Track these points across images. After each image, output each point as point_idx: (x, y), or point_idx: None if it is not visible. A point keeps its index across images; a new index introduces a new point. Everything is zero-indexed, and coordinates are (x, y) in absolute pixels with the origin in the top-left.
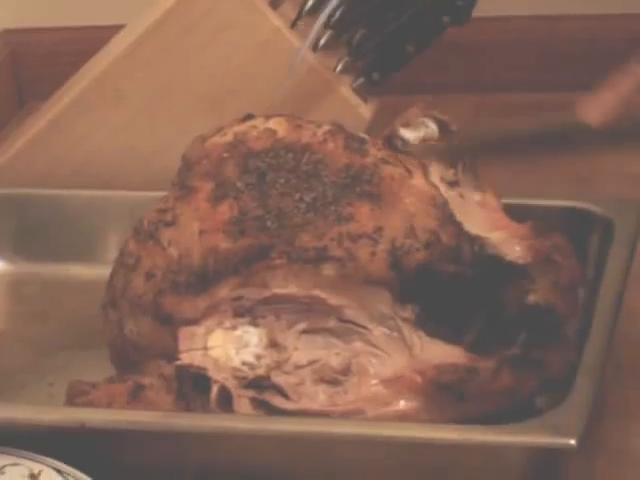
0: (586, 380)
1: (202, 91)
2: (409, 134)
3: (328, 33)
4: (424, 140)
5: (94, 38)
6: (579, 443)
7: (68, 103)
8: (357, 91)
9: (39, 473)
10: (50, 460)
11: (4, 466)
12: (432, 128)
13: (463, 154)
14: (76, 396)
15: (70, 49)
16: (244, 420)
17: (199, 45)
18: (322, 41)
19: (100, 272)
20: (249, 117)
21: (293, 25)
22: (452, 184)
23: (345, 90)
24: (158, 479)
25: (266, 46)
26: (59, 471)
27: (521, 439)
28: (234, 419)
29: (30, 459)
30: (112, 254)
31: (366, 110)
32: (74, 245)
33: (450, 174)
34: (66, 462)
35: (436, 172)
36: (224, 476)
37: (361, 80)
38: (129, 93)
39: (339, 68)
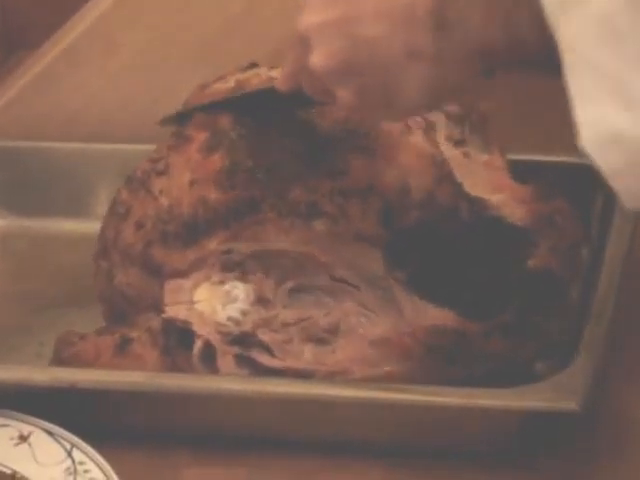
0: (590, 344)
1: (198, 40)
2: None
3: None
4: None
5: None
6: (582, 407)
7: (60, 52)
8: None
9: (29, 434)
10: (41, 421)
11: None
12: None
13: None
14: (64, 347)
15: None
16: (234, 381)
17: None
18: None
19: (91, 227)
20: (253, 65)
21: None
22: (458, 143)
23: None
24: (149, 440)
25: None
26: (50, 432)
27: (524, 403)
28: (225, 380)
29: (20, 420)
30: (103, 209)
31: None
32: (64, 199)
33: (457, 133)
34: (57, 423)
35: (442, 130)
36: (215, 437)
37: None
38: (124, 42)
39: None
